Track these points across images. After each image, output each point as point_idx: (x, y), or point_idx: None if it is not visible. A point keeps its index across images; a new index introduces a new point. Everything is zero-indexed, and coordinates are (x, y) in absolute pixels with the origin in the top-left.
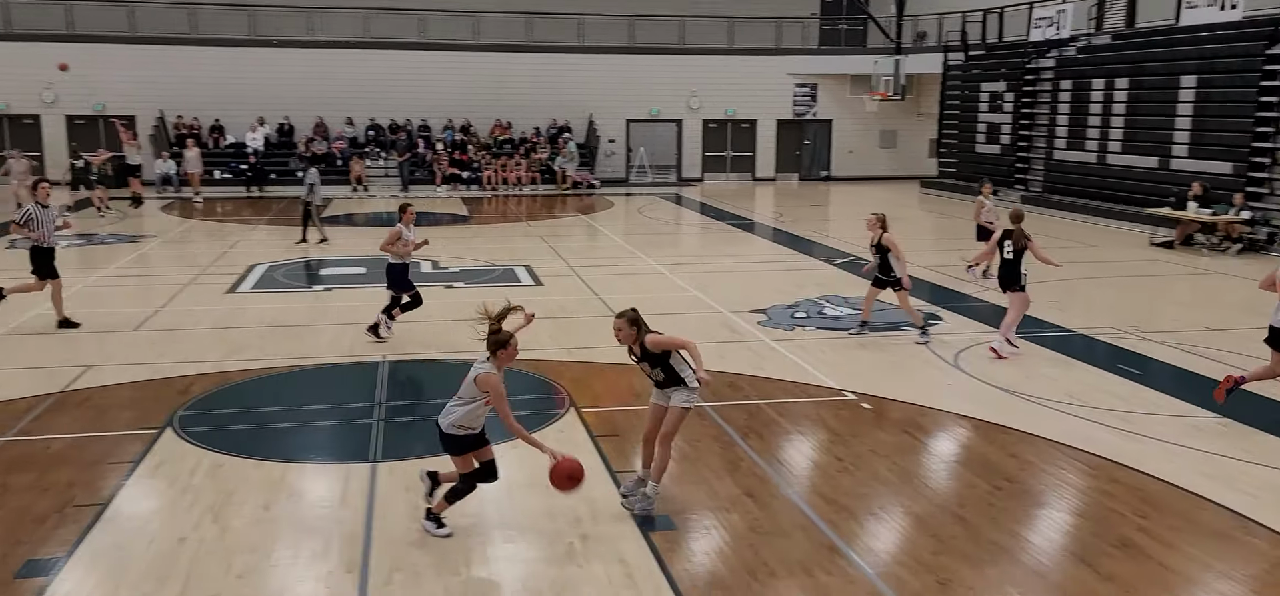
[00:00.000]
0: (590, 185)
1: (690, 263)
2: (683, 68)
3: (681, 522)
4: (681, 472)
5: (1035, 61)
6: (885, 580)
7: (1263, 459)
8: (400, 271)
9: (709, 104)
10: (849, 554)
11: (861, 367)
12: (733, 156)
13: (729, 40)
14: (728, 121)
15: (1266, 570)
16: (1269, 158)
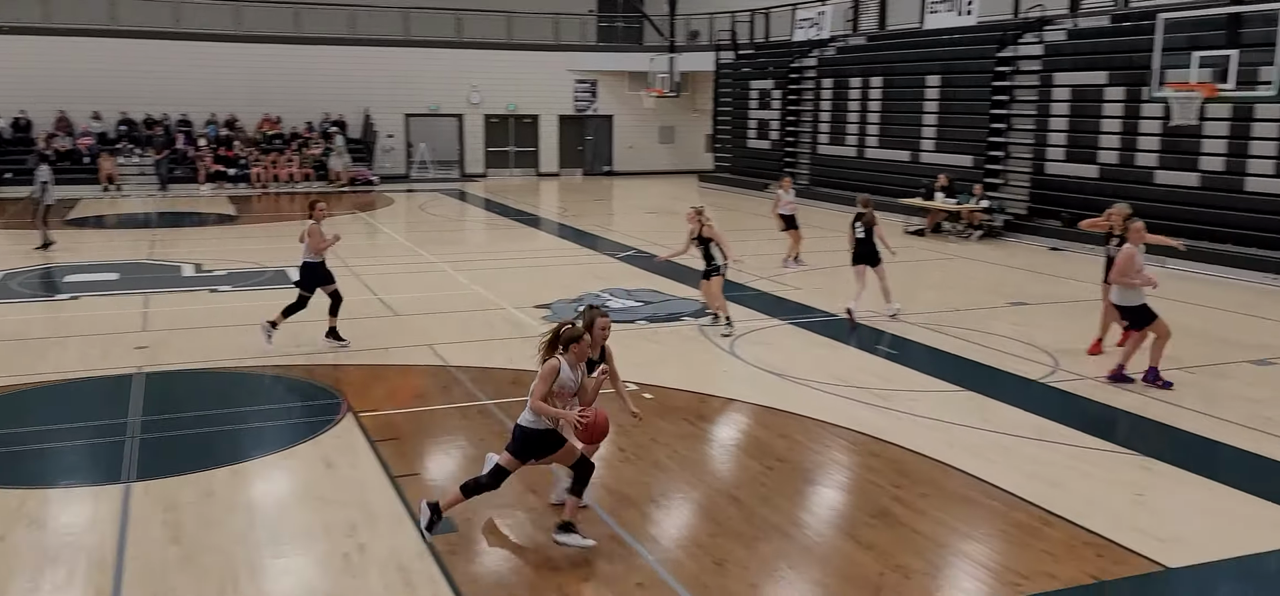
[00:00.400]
0: (368, 182)
1: (474, 259)
2: (462, 62)
3: (464, 524)
4: (464, 473)
5: (799, 61)
6: (665, 565)
7: (1000, 428)
8: (317, 269)
9: (490, 99)
10: (631, 542)
11: (644, 358)
12: (516, 152)
13: (508, 35)
14: (510, 116)
15: (1001, 528)
16: (1002, 152)
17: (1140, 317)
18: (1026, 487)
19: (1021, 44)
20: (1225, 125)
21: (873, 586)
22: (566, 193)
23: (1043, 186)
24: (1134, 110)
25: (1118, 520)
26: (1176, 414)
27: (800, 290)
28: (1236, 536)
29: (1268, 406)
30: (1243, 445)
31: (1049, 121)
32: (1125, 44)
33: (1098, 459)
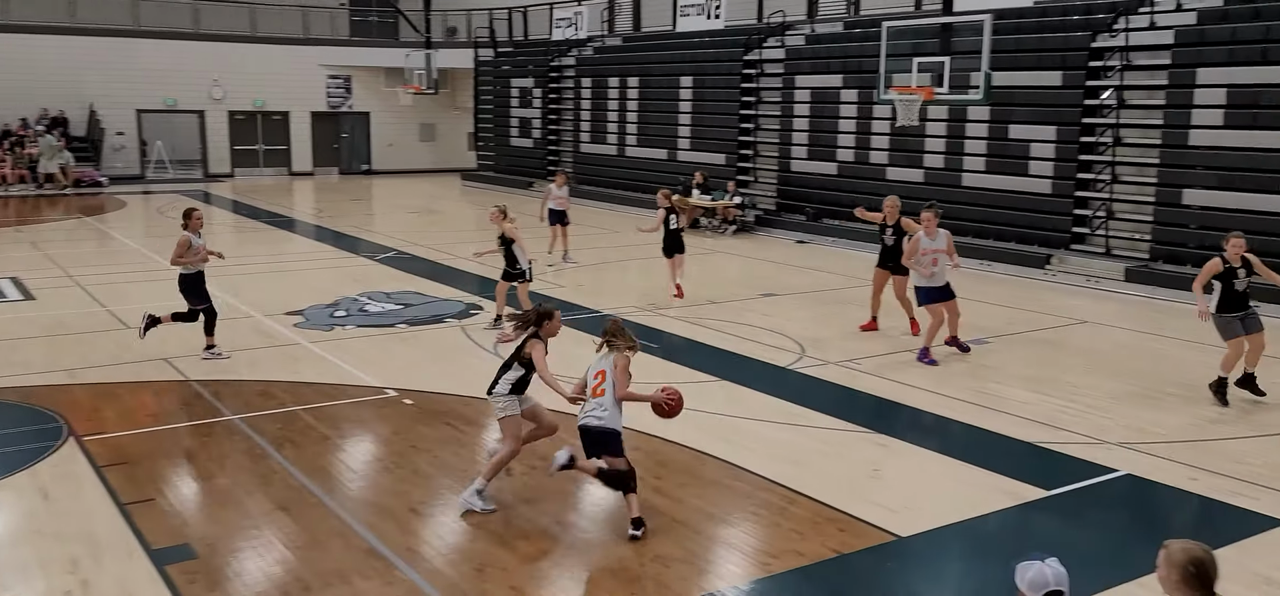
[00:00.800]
0: (95, 183)
1: (219, 265)
2: (201, 55)
3: (205, 549)
4: (205, 495)
5: (558, 59)
6: (425, 576)
7: (752, 414)
8: (195, 281)
9: (235, 94)
10: (388, 555)
11: (403, 363)
12: (266, 150)
13: (252, 28)
14: (257, 113)
15: (753, 510)
16: (752, 150)
17: (938, 297)
18: (776, 469)
19: (765, 47)
20: (944, 126)
21: (632, 578)
22: (322, 193)
23: (789, 183)
24: (866, 111)
25: (856, 495)
26: (907, 393)
27: (564, 288)
28: (961, 502)
29: (985, 382)
30: (966, 419)
31: (792, 122)
32: (856, 49)
33: (839, 439)
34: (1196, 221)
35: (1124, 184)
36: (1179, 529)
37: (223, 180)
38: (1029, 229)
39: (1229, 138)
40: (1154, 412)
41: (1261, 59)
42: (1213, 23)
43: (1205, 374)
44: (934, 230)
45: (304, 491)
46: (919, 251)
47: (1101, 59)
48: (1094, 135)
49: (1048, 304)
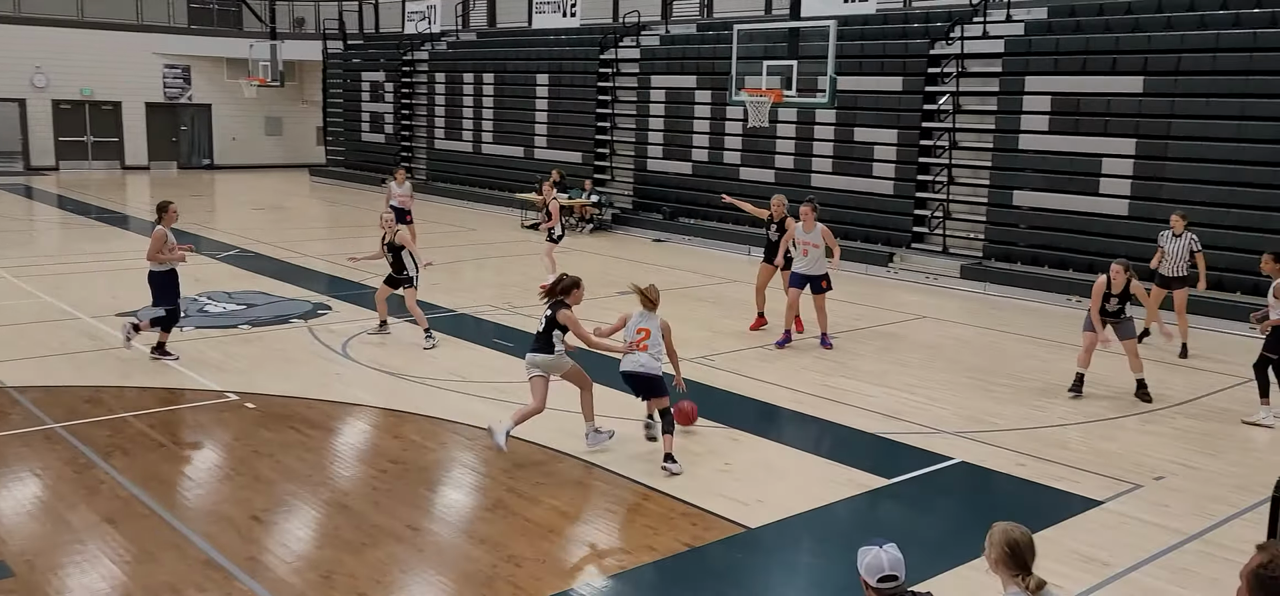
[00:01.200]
0: None
1: (41, 264)
2: (21, 39)
3: (22, 566)
4: (23, 509)
5: (411, 54)
6: (268, 586)
7: (608, 412)
8: (167, 280)
9: (60, 82)
10: (228, 566)
11: (245, 365)
12: (95, 142)
13: (79, 12)
14: (86, 103)
15: (607, 507)
16: (608, 149)
17: (803, 283)
18: (629, 466)
19: (621, 47)
20: (793, 127)
21: (484, 579)
22: (160, 188)
23: (645, 182)
24: (720, 112)
25: (708, 489)
26: (759, 388)
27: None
28: (808, 493)
29: (832, 376)
30: (814, 412)
31: (648, 121)
32: (709, 51)
33: (692, 434)
34: (1025, 221)
35: (959, 185)
36: (1008, 512)
37: (47, 173)
38: (873, 228)
39: (1053, 142)
40: (987, 402)
41: (1082, 69)
42: (1039, 34)
43: (1034, 366)
44: (811, 223)
45: (134, 502)
46: (793, 239)
47: (939, 66)
48: (932, 139)
49: (891, 300)
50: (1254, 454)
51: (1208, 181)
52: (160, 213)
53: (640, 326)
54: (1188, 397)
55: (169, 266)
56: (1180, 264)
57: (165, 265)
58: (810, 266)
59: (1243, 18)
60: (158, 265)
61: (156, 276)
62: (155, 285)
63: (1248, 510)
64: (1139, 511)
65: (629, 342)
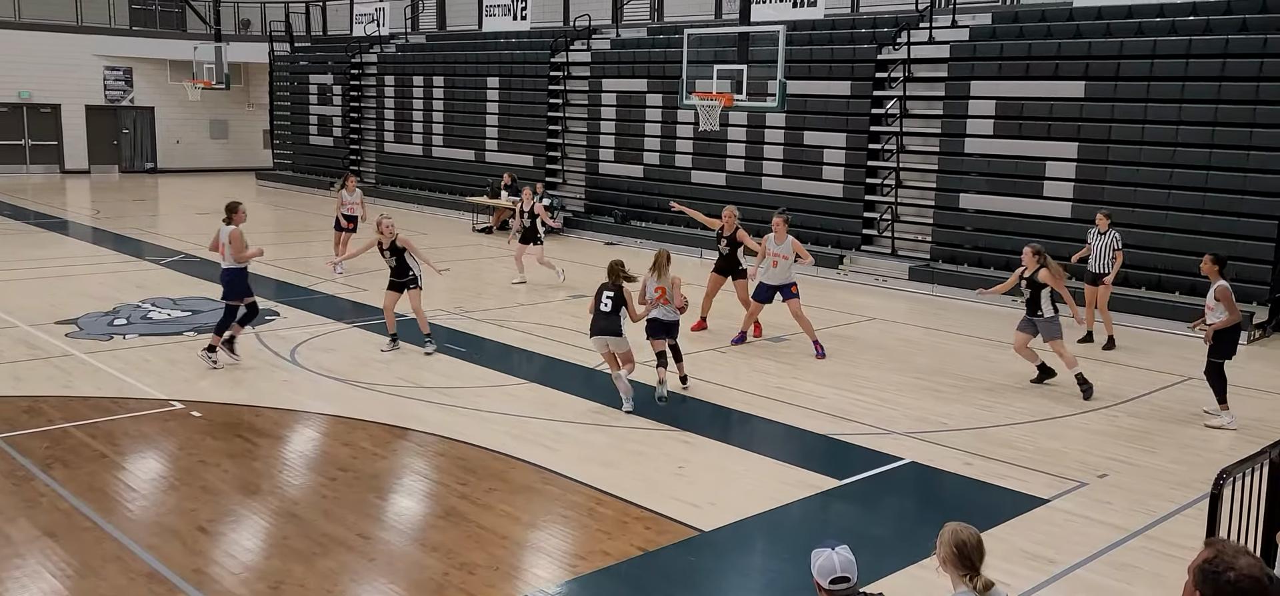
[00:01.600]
0: None
1: None
2: None
3: None
4: None
5: (360, 56)
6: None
7: (561, 416)
8: (240, 277)
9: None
10: (173, 578)
11: (191, 373)
12: (33, 146)
13: (16, 13)
14: (23, 105)
15: (561, 513)
16: (560, 152)
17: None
18: (584, 470)
19: (572, 50)
20: (744, 131)
21: (436, 587)
22: (101, 192)
23: (597, 185)
24: (671, 116)
25: (662, 493)
26: (712, 390)
27: (367, 292)
28: (761, 495)
29: (780, 378)
30: (766, 414)
31: (600, 125)
32: (660, 55)
33: (646, 437)
34: (971, 223)
35: (907, 188)
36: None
37: None
38: (824, 230)
39: (998, 146)
40: (935, 403)
41: (1025, 74)
42: (983, 40)
43: (981, 366)
44: (783, 235)
45: (75, 514)
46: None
47: (886, 71)
48: (880, 142)
49: (841, 302)
50: (1191, 451)
51: (1146, 184)
52: (231, 213)
53: (658, 286)
54: (1129, 396)
55: (244, 264)
56: (1104, 260)
57: (242, 263)
58: (778, 277)
59: (1178, 25)
60: (238, 264)
61: (237, 275)
62: (235, 283)
63: (1188, 505)
64: (1083, 509)
65: (652, 301)
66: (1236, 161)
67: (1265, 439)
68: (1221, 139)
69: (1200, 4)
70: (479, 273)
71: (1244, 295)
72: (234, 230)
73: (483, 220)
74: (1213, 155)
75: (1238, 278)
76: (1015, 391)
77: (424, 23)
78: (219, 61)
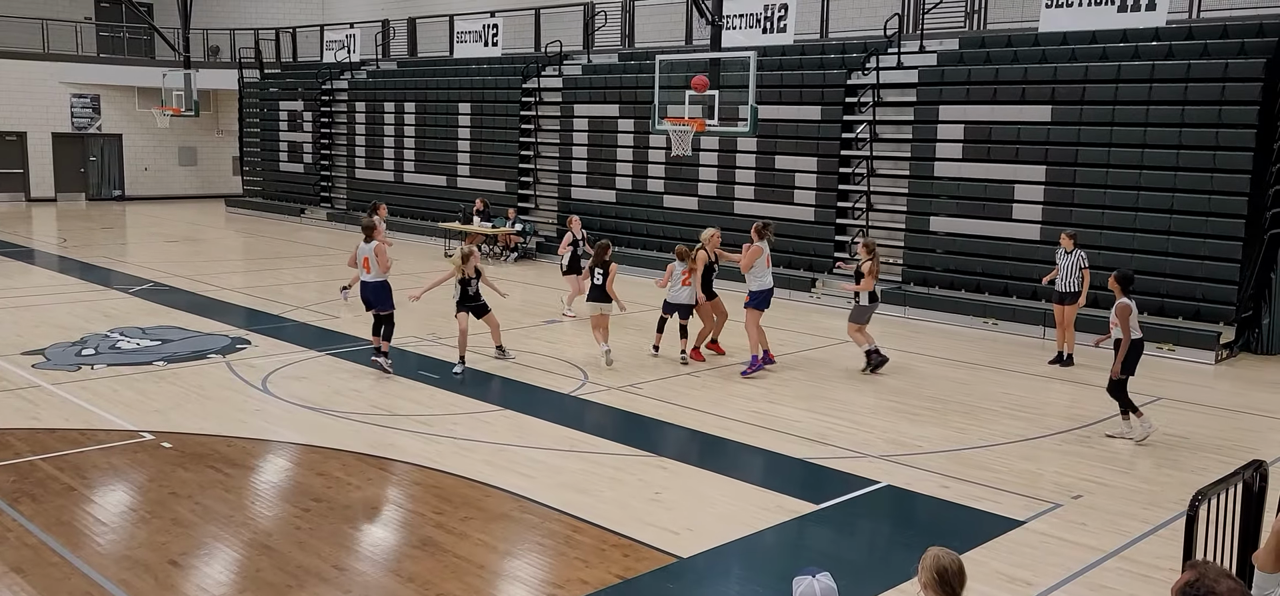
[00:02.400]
0: None
1: None
2: None
3: None
4: None
5: (330, 82)
6: None
7: (536, 442)
8: (385, 287)
9: None
10: None
11: (162, 403)
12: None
13: None
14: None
15: (538, 541)
16: (532, 177)
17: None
18: (560, 498)
19: (544, 76)
20: (716, 156)
21: None
22: (67, 220)
23: (570, 210)
24: (643, 141)
25: (639, 519)
26: (687, 415)
27: (339, 319)
28: (738, 520)
29: (759, 402)
30: (742, 439)
31: (572, 149)
32: (632, 80)
33: (622, 463)
34: (942, 246)
35: (878, 212)
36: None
37: None
38: (796, 254)
39: (967, 170)
40: (910, 426)
41: (993, 98)
42: (951, 64)
43: (953, 388)
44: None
45: (43, 549)
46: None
47: (856, 96)
48: (851, 166)
49: (814, 325)
50: (1165, 471)
51: (1112, 206)
52: (370, 232)
53: (684, 270)
54: (1102, 417)
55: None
56: (1071, 280)
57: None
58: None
59: (1141, 50)
60: (382, 276)
61: (382, 286)
62: (382, 294)
63: (1162, 526)
64: (1059, 530)
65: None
66: (1201, 184)
67: (1237, 459)
68: (1186, 161)
69: (1163, 30)
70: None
71: (1210, 315)
72: (378, 246)
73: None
74: (1177, 177)
75: (1203, 298)
76: (990, 413)
77: (395, 49)
78: (188, 88)
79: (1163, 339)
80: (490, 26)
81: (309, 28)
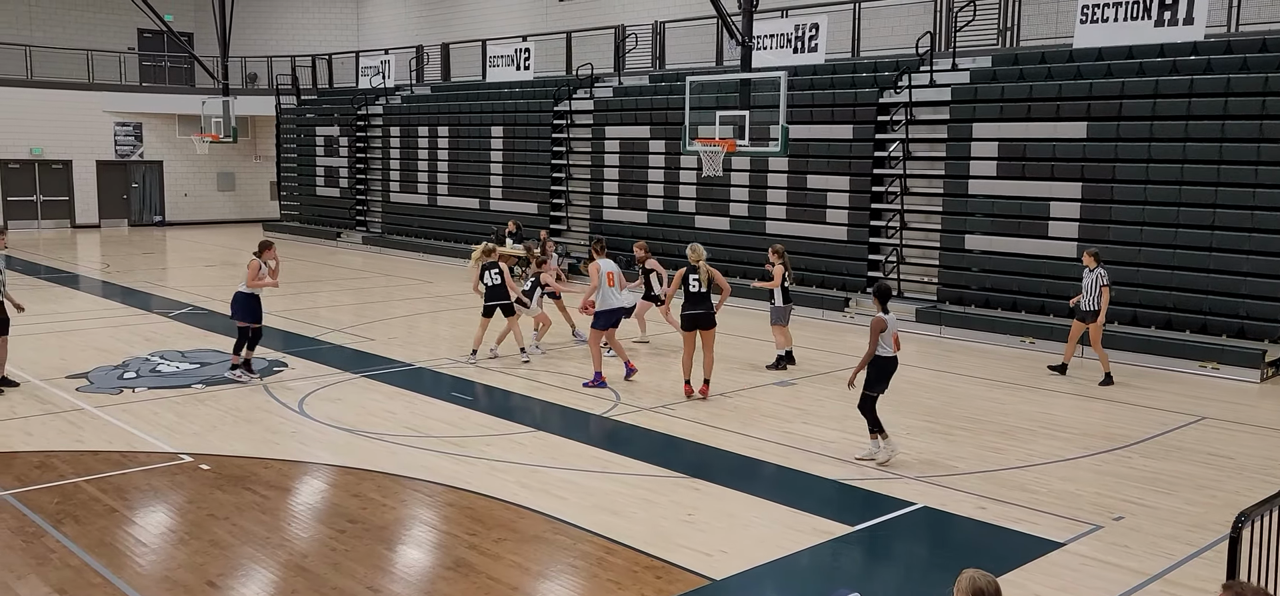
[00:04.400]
0: None
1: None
2: None
3: None
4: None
5: (365, 108)
6: None
7: (569, 464)
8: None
9: (9, 142)
10: None
11: (200, 426)
12: (45, 201)
13: (28, 71)
14: (34, 162)
15: (571, 562)
16: (564, 199)
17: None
18: (593, 519)
19: (575, 98)
20: (747, 176)
21: None
22: (110, 246)
23: (602, 231)
24: (674, 161)
25: (671, 541)
26: (720, 436)
27: (374, 342)
28: (772, 542)
29: (793, 422)
30: (775, 459)
31: (603, 171)
32: (662, 101)
33: (654, 484)
34: (977, 264)
35: (912, 230)
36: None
37: None
38: (829, 274)
39: (1002, 187)
40: (946, 445)
41: (1027, 115)
42: (984, 81)
43: (990, 407)
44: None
45: (86, 570)
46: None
47: (888, 114)
48: (883, 185)
49: (849, 344)
50: (1207, 492)
51: (1152, 223)
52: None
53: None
54: (1142, 437)
55: None
56: (1093, 297)
57: None
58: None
59: (1180, 64)
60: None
61: (248, 299)
62: (248, 307)
63: (1207, 549)
64: (1100, 552)
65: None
66: (1243, 200)
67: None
68: (1227, 177)
69: (1201, 44)
70: None
71: (1255, 333)
72: (253, 261)
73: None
74: (1218, 193)
75: (1248, 315)
76: (1027, 433)
77: (428, 74)
78: (226, 115)
79: (1206, 357)
80: (522, 50)
81: (344, 54)
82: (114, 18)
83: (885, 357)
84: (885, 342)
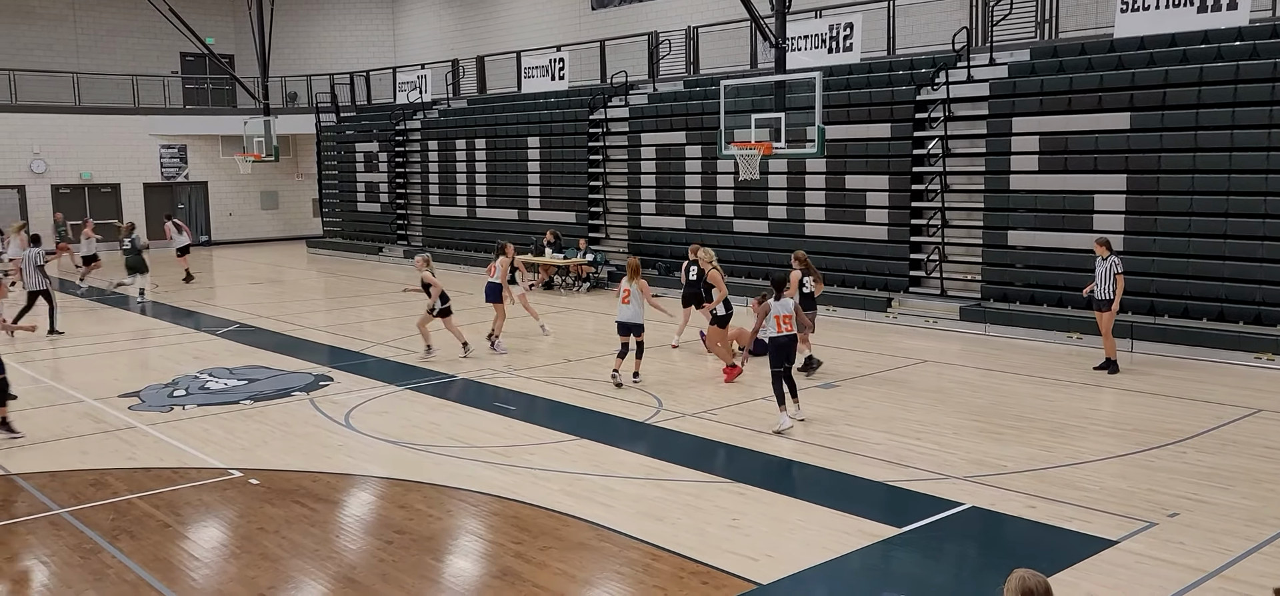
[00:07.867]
0: None
1: (42, 346)
2: (19, 126)
3: None
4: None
5: (404, 123)
6: None
7: (613, 471)
8: None
9: (59, 167)
10: None
11: (249, 441)
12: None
13: (77, 98)
14: (85, 186)
15: (617, 570)
16: (601, 207)
17: None
18: (638, 526)
19: (610, 106)
20: (784, 178)
21: None
22: (158, 266)
23: (639, 238)
24: (711, 166)
25: (717, 546)
26: (763, 440)
27: (418, 354)
28: (818, 546)
29: (837, 425)
30: (820, 463)
31: (640, 178)
32: (697, 106)
33: (699, 490)
34: (1021, 260)
35: (954, 228)
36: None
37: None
38: (870, 274)
39: (1044, 181)
40: (994, 445)
41: (1068, 108)
42: (1023, 76)
43: (1038, 405)
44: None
45: (142, 585)
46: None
47: (926, 111)
48: (923, 183)
49: (892, 345)
50: (1264, 486)
51: (1200, 213)
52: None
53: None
54: (1195, 431)
55: None
56: (1106, 286)
57: None
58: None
59: (1224, 51)
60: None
61: None
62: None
63: (1265, 544)
64: (1154, 550)
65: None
66: None
67: None
68: (1276, 164)
69: (1246, 29)
70: (527, 329)
71: None
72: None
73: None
74: (1269, 180)
75: None
76: (1077, 430)
77: (465, 88)
78: (268, 135)
79: (1261, 348)
80: (557, 60)
81: (381, 70)
82: (157, 43)
83: (779, 338)
84: (769, 325)
